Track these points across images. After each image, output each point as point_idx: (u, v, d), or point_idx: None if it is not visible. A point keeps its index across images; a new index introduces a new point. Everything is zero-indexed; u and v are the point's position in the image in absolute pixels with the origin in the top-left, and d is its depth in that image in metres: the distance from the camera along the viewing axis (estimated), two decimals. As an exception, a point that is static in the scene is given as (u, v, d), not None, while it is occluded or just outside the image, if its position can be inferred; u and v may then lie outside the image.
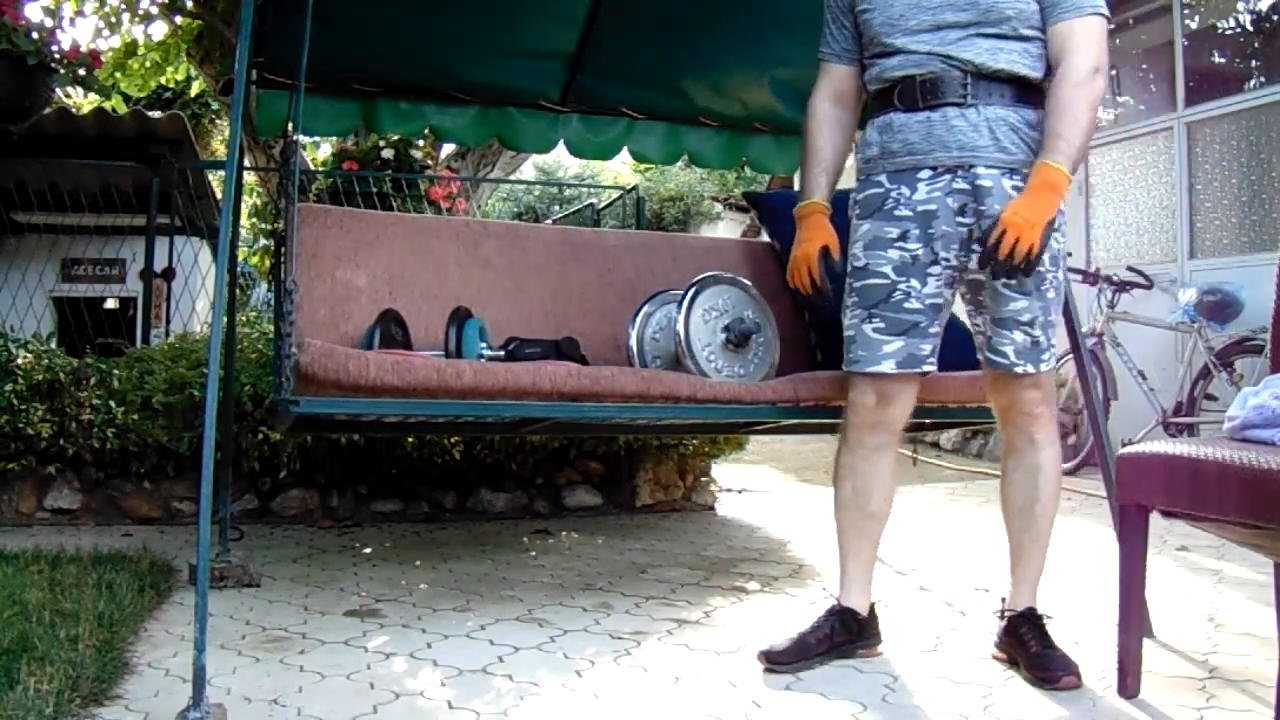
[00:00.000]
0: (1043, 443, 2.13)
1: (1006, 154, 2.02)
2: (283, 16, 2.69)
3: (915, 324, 2.09)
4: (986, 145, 2.02)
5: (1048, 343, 2.08)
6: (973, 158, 2.02)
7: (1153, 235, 6.03)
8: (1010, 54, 2.01)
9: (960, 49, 2.01)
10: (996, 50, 2.00)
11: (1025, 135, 2.02)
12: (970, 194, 2.03)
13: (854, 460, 2.16)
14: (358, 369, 2.22)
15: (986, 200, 2.01)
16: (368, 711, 1.80)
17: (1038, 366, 2.07)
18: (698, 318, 2.71)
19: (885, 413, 2.13)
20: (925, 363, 2.11)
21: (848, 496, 2.16)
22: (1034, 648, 2.03)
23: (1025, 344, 2.06)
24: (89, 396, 3.49)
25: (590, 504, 4.11)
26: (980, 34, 2.00)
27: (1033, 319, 2.05)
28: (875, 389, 2.12)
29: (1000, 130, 2.02)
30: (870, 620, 2.18)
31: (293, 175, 2.57)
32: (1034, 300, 2.04)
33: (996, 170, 2.02)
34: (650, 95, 3.63)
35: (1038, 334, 2.06)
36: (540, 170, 19.03)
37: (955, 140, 2.03)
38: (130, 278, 7.51)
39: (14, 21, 4.04)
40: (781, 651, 2.08)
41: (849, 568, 2.18)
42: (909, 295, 2.08)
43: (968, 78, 2.01)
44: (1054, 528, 2.17)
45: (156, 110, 6.62)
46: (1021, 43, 2.01)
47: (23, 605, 2.25)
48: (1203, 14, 5.93)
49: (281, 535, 3.58)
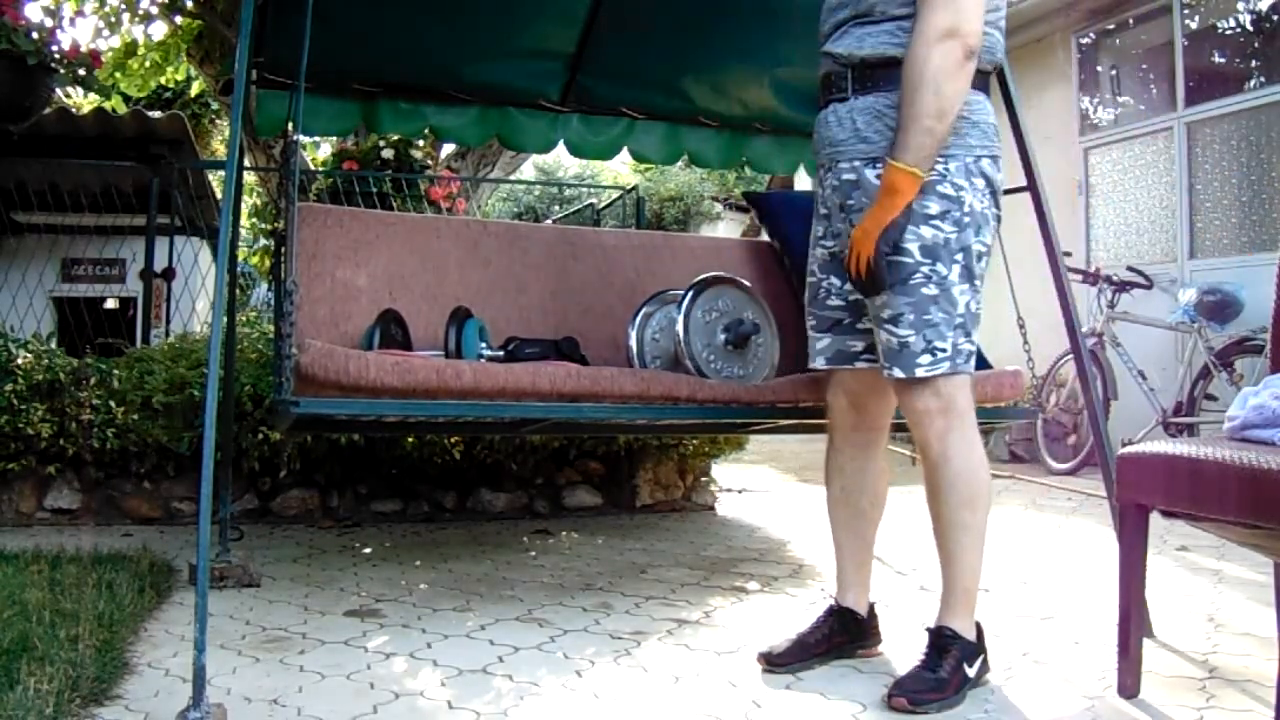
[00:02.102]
0: (937, 459, 1.93)
1: (868, 144, 1.95)
2: (283, 16, 2.70)
3: (839, 320, 2.08)
4: (848, 139, 1.98)
5: (926, 344, 1.89)
6: (837, 153, 2.00)
7: (1153, 235, 6.03)
8: (878, 37, 1.93)
9: (838, 44, 1.99)
10: (865, 37, 1.95)
11: (890, 120, 1.91)
12: (840, 189, 2.00)
13: (839, 460, 2.16)
14: (358, 370, 2.23)
15: (854, 195, 1.97)
16: (368, 711, 1.80)
17: (909, 371, 1.90)
18: (697, 318, 2.72)
19: (857, 411, 2.11)
20: (859, 359, 2.07)
21: (837, 496, 2.16)
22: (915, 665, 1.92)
23: (891, 344, 1.92)
24: (89, 396, 3.49)
25: (590, 504, 4.11)
26: (856, 24, 1.97)
27: (895, 316, 1.90)
28: (844, 388, 2.12)
29: (863, 119, 1.95)
30: (870, 620, 2.17)
31: (293, 175, 2.57)
32: (896, 296, 1.90)
33: (859, 162, 1.96)
34: (650, 95, 3.63)
35: (905, 334, 1.90)
36: (540, 170, 19.03)
37: (827, 137, 2.03)
38: (130, 278, 7.51)
39: (14, 21, 4.04)
40: (781, 653, 2.08)
41: (844, 568, 2.18)
42: (830, 292, 2.09)
43: (848, 71, 1.98)
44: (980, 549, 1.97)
45: (156, 110, 6.61)
46: (891, 23, 1.92)
47: (23, 605, 2.25)
48: (1203, 14, 5.93)
49: (281, 535, 3.58)
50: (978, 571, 1.98)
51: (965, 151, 1.93)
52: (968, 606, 1.97)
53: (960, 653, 1.91)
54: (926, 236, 1.89)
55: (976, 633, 1.98)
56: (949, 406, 1.92)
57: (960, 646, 1.92)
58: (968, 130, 1.92)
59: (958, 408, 1.93)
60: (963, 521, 1.95)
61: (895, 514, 2.22)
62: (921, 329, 1.90)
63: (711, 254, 3.49)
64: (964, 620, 1.96)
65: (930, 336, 1.90)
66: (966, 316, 1.93)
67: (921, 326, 1.90)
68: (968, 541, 1.96)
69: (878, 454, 2.16)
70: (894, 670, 2.04)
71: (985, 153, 1.96)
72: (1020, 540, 3.60)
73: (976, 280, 1.96)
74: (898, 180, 1.84)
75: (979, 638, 1.98)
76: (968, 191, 1.92)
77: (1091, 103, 6.58)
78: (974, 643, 1.95)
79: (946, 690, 1.85)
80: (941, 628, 1.95)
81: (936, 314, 1.90)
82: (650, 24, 3.36)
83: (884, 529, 2.21)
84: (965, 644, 1.93)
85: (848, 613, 2.14)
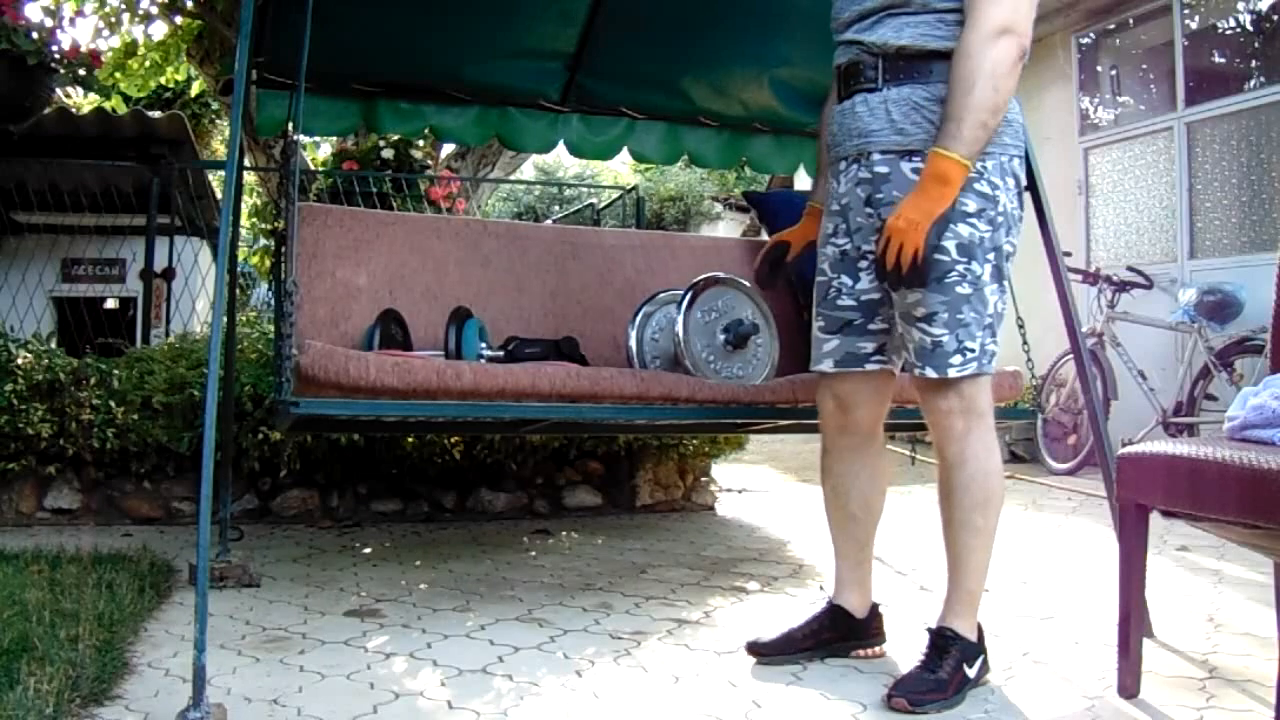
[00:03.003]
0: (954, 460, 1.93)
1: (904, 135, 1.91)
2: (283, 16, 2.70)
3: (849, 321, 2.03)
4: (881, 129, 1.93)
5: (958, 345, 1.88)
6: (867, 144, 1.95)
7: (1153, 235, 6.03)
8: (918, 28, 1.89)
9: (869, 33, 1.94)
10: (903, 27, 1.90)
11: (929, 113, 1.89)
12: (870, 182, 1.95)
13: (829, 462, 2.15)
14: (358, 371, 2.23)
15: (884, 188, 1.93)
16: (368, 711, 1.80)
17: (942, 371, 1.89)
18: (696, 319, 2.71)
19: (846, 414, 2.09)
20: (869, 361, 2.03)
21: (829, 497, 2.16)
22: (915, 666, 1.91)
23: (924, 344, 1.90)
24: (89, 396, 3.49)
25: (590, 504, 4.11)
26: (891, 14, 1.92)
27: (929, 314, 1.88)
28: (831, 391, 2.10)
29: (899, 111, 1.91)
30: (869, 620, 2.17)
31: (293, 175, 2.57)
32: (931, 295, 1.87)
33: (893, 154, 1.92)
34: (650, 95, 3.63)
35: (939, 333, 1.88)
36: (540, 170, 19.03)
37: (856, 127, 1.97)
38: (130, 278, 7.50)
39: (14, 21, 4.04)
40: (767, 644, 2.10)
41: (839, 567, 2.18)
42: (841, 292, 2.04)
43: (878, 61, 1.93)
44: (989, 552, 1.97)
45: (156, 110, 6.61)
46: (933, 15, 1.88)
47: (23, 605, 2.25)
48: (1203, 14, 5.93)
49: (281, 535, 3.58)
50: (984, 574, 1.98)
51: (1001, 150, 1.92)
52: (971, 608, 1.97)
53: (961, 653, 1.91)
54: (964, 234, 1.87)
55: (978, 634, 1.98)
56: (970, 408, 1.92)
57: (961, 647, 1.92)
58: (1004, 129, 1.91)
59: (978, 409, 1.93)
60: (974, 524, 1.94)
61: (895, 514, 2.22)
62: (955, 329, 1.88)
63: (711, 254, 3.50)
64: (966, 621, 1.96)
65: (962, 336, 1.89)
66: (995, 317, 1.93)
67: (955, 326, 1.88)
68: (977, 544, 1.95)
69: (869, 458, 2.13)
70: (895, 670, 2.04)
71: (1017, 152, 1.96)
72: (1020, 540, 3.60)
73: (1005, 280, 1.96)
74: (950, 170, 1.80)
75: (980, 638, 1.98)
76: (1002, 191, 1.92)
77: (1091, 103, 6.58)
78: (975, 643, 1.95)
79: (946, 691, 1.85)
80: (943, 628, 1.94)
81: (969, 313, 1.89)
82: (650, 24, 3.36)
83: (885, 529, 2.21)
84: (966, 645, 1.93)
85: (840, 611, 2.14)
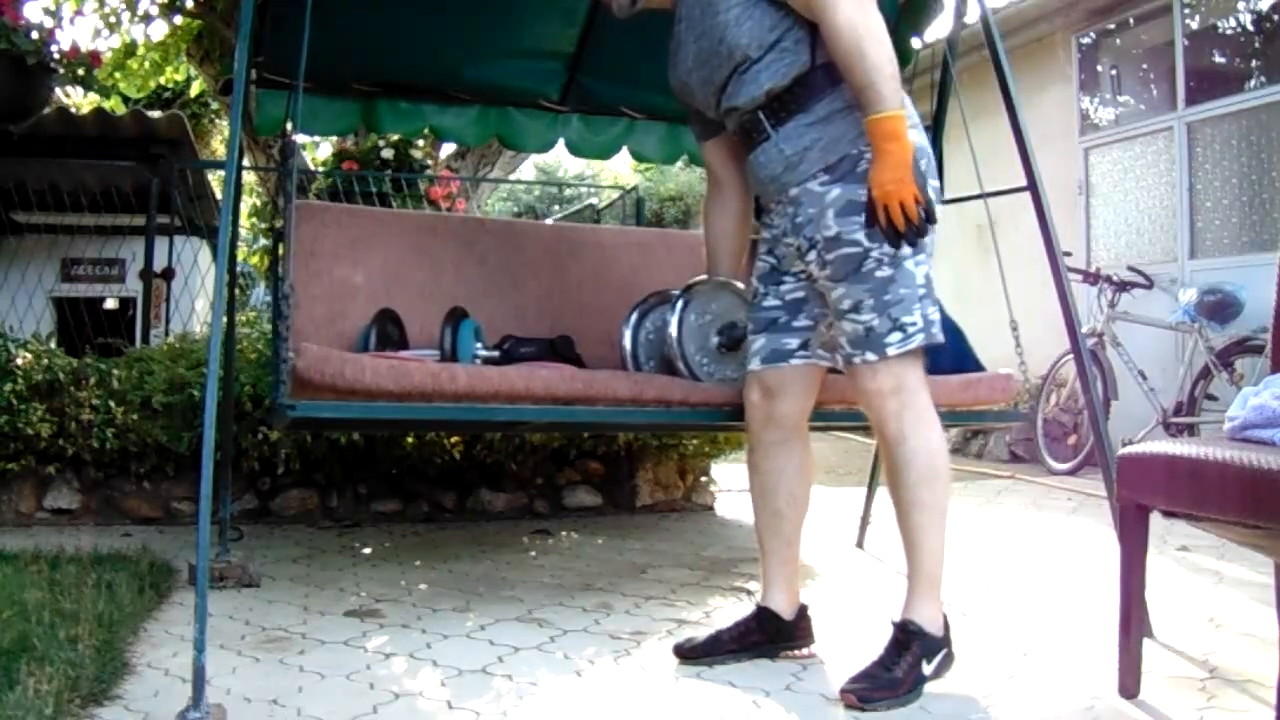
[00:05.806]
0: (894, 439, 1.95)
1: (804, 165, 2.00)
2: (282, 16, 2.69)
3: (774, 319, 2.12)
4: (781, 171, 2.04)
5: (893, 324, 1.92)
6: (779, 187, 2.06)
7: (1153, 235, 6.03)
8: (769, 69, 2.00)
9: (736, 98, 2.06)
10: (758, 75, 2.01)
11: (810, 136, 1.99)
12: (792, 212, 2.04)
13: (756, 459, 2.17)
14: (354, 374, 2.22)
15: (801, 210, 2.01)
16: (368, 711, 1.80)
17: (880, 352, 1.93)
18: (690, 322, 2.70)
19: (772, 407, 2.12)
20: (794, 356, 2.09)
21: (756, 495, 2.18)
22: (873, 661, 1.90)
23: (857, 332, 1.95)
24: (89, 396, 3.49)
25: (590, 504, 4.11)
26: (739, 73, 2.03)
27: (856, 304, 1.94)
28: (759, 384, 2.13)
29: (790, 147, 2.01)
30: (796, 622, 2.14)
31: (292, 175, 2.57)
32: (853, 286, 1.94)
33: (798, 186, 2.02)
34: (650, 95, 3.62)
35: (868, 319, 1.93)
36: (540, 170, 19.03)
37: (764, 178, 2.09)
38: (130, 278, 7.50)
39: (14, 21, 4.04)
40: (693, 646, 2.11)
41: (765, 567, 2.17)
42: (767, 295, 2.14)
43: (758, 113, 2.04)
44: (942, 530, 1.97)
45: (156, 110, 6.61)
46: (773, 52, 2.00)
47: (23, 605, 2.24)
48: (1203, 14, 5.93)
49: (281, 535, 3.57)
50: (941, 556, 1.97)
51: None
52: (933, 593, 1.95)
53: (921, 649, 1.90)
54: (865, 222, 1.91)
55: (943, 624, 1.96)
56: (901, 385, 1.95)
57: (921, 643, 1.91)
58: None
59: (909, 386, 1.96)
60: (920, 500, 1.94)
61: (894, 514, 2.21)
62: (884, 310, 1.93)
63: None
64: (929, 609, 1.94)
65: (896, 314, 1.93)
66: (925, 285, 1.97)
67: (884, 309, 1.93)
68: (927, 521, 1.95)
69: (795, 455, 2.15)
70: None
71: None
72: (1020, 540, 3.60)
73: (926, 249, 1.97)
74: (893, 126, 1.86)
75: (945, 630, 1.96)
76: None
77: (1092, 103, 6.58)
78: (937, 637, 1.94)
79: (899, 689, 1.84)
80: (906, 622, 1.93)
81: (897, 292, 1.93)
82: (651, 24, 3.35)
83: (883, 529, 2.21)
84: (927, 640, 1.92)
85: (768, 613, 2.12)
